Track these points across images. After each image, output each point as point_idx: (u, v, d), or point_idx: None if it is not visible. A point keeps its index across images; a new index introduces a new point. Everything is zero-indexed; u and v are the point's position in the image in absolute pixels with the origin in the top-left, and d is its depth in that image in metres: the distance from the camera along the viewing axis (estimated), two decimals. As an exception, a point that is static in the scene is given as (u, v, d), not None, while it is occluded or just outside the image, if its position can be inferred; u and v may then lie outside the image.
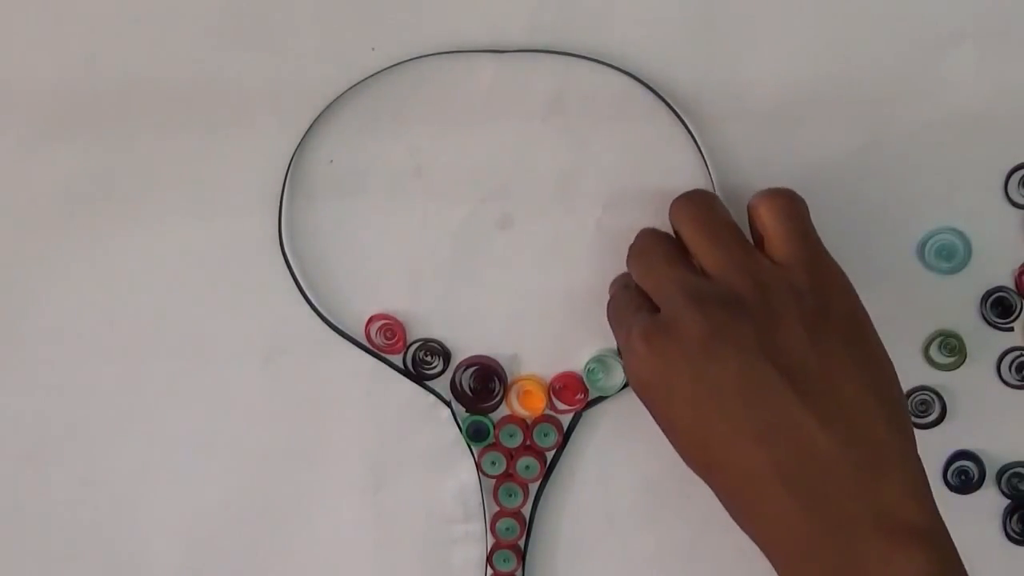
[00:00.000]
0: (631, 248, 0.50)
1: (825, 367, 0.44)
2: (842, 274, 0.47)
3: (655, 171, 0.52)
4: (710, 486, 0.45)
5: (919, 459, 0.44)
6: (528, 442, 0.53)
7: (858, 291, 0.52)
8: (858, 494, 0.42)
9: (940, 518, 0.43)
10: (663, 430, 0.46)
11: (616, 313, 0.49)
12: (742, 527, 0.45)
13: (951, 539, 0.43)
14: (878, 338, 0.46)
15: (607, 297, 0.51)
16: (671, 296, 0.45)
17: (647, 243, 0.49)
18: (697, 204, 0.48)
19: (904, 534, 0.42)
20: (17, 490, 0.54)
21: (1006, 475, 0.53)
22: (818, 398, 0.43)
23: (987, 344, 0.53)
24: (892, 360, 0.48)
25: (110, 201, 0.53)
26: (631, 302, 0.48)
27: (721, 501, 0.45)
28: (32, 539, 0.54)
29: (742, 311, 0.44)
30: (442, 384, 0.53)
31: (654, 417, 0.46)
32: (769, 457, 0.43)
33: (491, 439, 0.53)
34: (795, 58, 0.52)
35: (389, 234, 0.53)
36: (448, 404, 0.53)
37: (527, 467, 0.52)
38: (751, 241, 0.48)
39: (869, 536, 0.42)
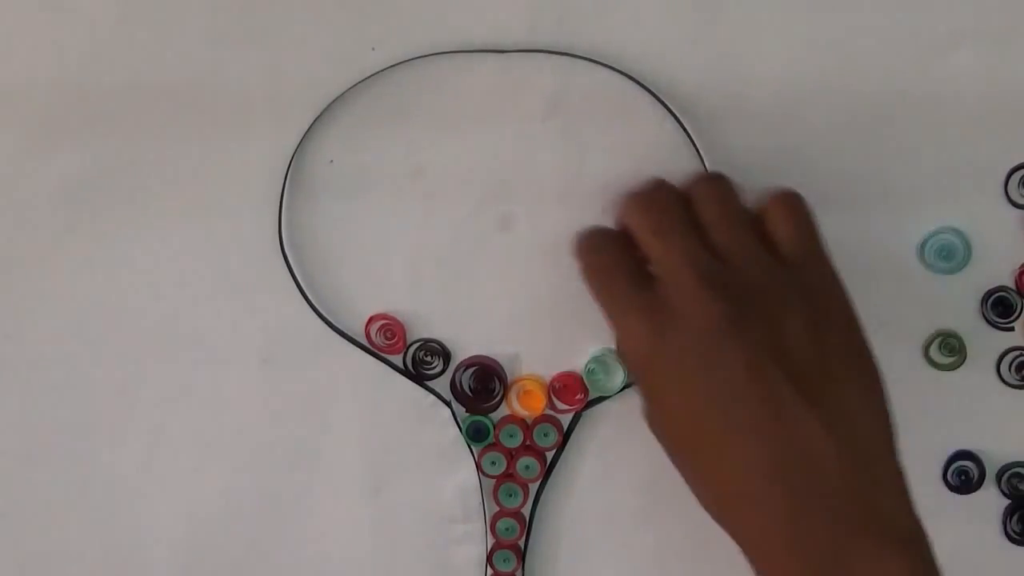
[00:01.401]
0: (637, 196, 0.48)
1: (824, 368, 0.44)
2: (841, 279, 0.47)
3: (654, 171, 0.52)
4: (689, 474, 0.46)
5: (902, 463, 0.45)
6: (528, 442, 0.53)
7: (858, 291, 0.52)
8: (848, 495, 0.43)
9: (922, 525, 0.44)
10: (650, 412, 0.46)
11: (604, 275, 0.47)
12: (719, 518, 0.45)
13: (931, 546, 0.43)
14: (869, 343, 0.46)
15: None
16: (682, 273, 0.45)
17: (662, 200, 0.47)
18: (723, 186, 0.48)
19: (892, 539, 0.42)
20: (17, 490, 0.54)
21: (1006, 475, 0.53)
22: (818, 399, 0.44)
23: (987, 344, 0.53)
24: (892, 360, 0.48)
25: (110, 201, 0.53)
26: (623, 265, 0.47)
27: (697, 491, 0.46)
28: (32, 539, 0.54)
29: (752, 305, 0.44)
30: (442, 384, 0.53)
31: (643, 396, 0.46)
32: (764, 451, 0.43)
33: (491, 439, 0.53)
34: (795, 58, 0.52)
35: (389, 234, 0.53)
36: (448, 404, 0.53)
37: (527, 467, 0.52)
38: None
39: (856, 538, 0.42)
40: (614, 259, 0.47)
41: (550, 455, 0.53)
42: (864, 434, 0.44)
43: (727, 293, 0.44)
